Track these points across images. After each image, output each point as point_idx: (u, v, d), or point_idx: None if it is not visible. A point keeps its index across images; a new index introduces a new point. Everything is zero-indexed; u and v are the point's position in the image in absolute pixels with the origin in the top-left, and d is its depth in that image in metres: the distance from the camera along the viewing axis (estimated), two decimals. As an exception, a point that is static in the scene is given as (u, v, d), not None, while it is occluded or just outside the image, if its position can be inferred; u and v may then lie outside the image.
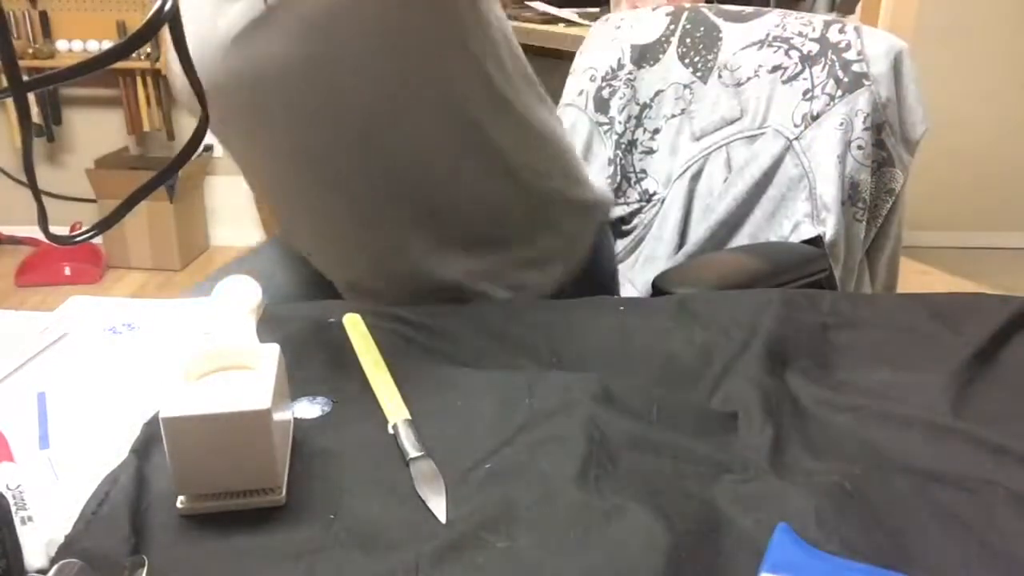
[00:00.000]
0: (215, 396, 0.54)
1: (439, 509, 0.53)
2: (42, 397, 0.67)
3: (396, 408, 0.63)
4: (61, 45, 3.13)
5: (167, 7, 0.58)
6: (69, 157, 3.31)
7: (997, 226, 3.36)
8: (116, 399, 0.67)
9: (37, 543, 0.49)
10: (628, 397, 0.65)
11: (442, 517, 0.53)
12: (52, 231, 0.63)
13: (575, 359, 0.74)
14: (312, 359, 0.71)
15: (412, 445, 0.59)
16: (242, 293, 0.70)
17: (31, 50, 3.04)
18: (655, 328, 0.78)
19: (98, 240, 3.10)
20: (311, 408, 0.64)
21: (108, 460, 0.57)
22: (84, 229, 0.58)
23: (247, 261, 1.14)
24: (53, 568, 0.45)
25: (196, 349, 0.59)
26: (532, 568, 0.48)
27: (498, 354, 0.74)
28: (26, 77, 0.53)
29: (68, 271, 3.06)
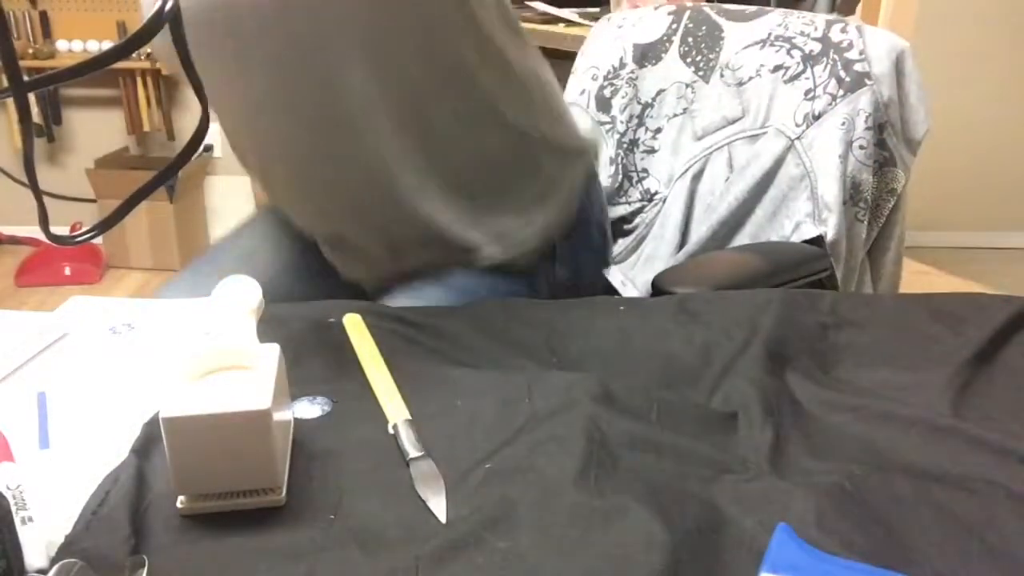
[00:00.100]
0: (215, 396, 0.54)
1: (439, 509, 0.53)
2: (42, 397, 0.67)
3: (396, 408, 0.63)
4: (61, 45, 3.12)
5: (167, 7, 0.58)
6: (69, 157, 3.31)
7: (997, 226, 3.36)
8: (116, 399, 0.67)
9: (37, 543, 0.49)
10: (628, 397, 0.65)
11: (442, 517, 0.53)
12: (52, 231, 0.63)
13: (575, 359, 0.74)
14: (312, 359, 0.71)
15: (412, 445, 0.59)
16: (242, 293, 0.70)
17: (31, 50, 3.04)
18: (655, 328, 0.78)
19: (98, 240, 3.10)
20: (311, 408, 0.64)
21: (108, 460, 0.57)
22: (84, 229, 0.58)
23: (230, 239, 1.14)
24: (53, 568, 0.45)
25: (196, 349, 0.59)
26: (532, 568, 0.48)
27: (498, 354, 0.74)
28: (26, 77, 0.54)
29: (68, 271, 3.06)
